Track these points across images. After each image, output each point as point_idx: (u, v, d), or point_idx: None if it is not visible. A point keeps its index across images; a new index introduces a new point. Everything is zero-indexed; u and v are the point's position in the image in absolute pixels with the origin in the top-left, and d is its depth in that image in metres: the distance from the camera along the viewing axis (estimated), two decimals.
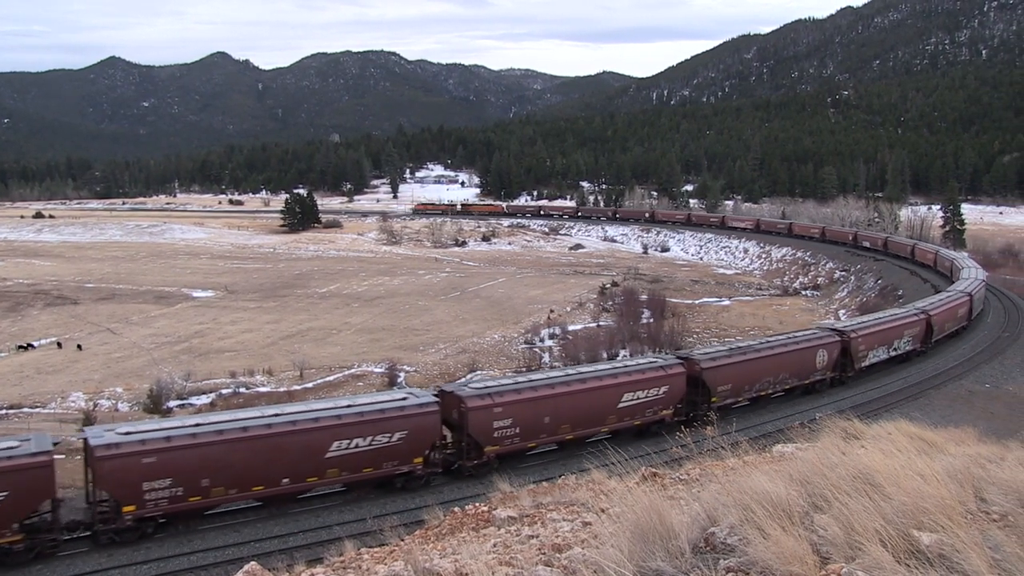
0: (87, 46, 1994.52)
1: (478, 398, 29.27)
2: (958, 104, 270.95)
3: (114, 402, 54.05)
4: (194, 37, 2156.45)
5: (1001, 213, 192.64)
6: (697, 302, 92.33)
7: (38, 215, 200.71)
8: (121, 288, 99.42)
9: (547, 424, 30.46)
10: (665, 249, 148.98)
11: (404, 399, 29.18)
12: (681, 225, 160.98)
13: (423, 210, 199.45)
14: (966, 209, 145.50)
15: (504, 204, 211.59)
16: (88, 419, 45.73)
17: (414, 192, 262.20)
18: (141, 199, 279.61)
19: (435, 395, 29.60)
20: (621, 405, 32.86)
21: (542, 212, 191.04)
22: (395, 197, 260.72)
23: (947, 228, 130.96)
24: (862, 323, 47.69)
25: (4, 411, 51.09)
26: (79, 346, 69.63)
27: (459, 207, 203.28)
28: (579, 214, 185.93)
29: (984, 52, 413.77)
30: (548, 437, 30.96)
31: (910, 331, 49.31)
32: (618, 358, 55.03)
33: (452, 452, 30.09)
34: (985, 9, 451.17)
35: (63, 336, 73.07)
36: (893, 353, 47.98)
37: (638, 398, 33.34)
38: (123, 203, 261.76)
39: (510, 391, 30.07)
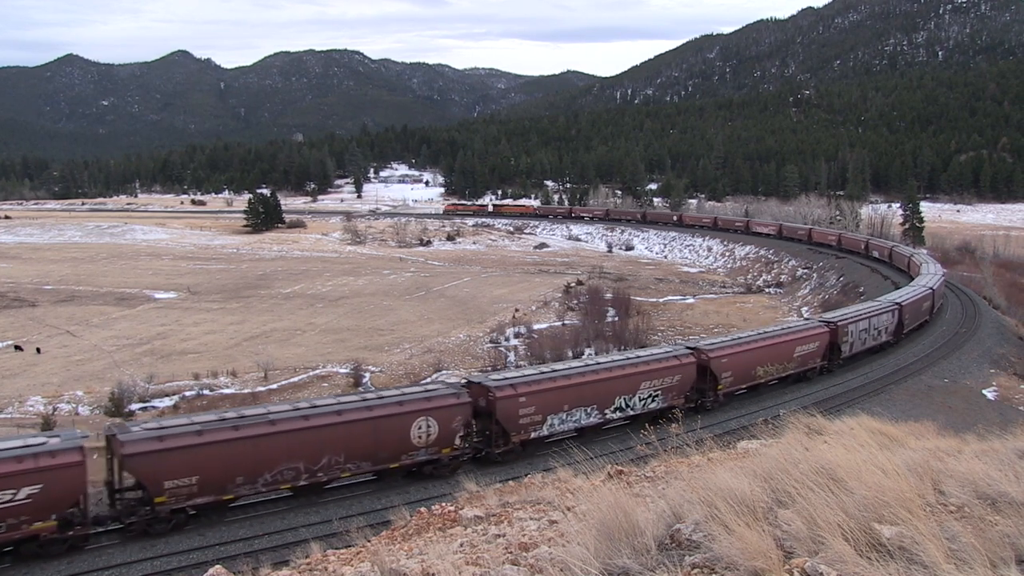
0: (41, 43, 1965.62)
1: None
2: (916, 104, 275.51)
3: (74, 406, 53.20)
4: (153, 35, 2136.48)
5: (958, 211, 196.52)
6: (662, 300, 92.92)
7: None
8: (81, 290, 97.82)
9: None
10: (629, 248, 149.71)
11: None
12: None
13: (453, 210, 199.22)
14: (925, 207, 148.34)
15: (536, 205, 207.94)
16: (47, 423, 45.00)
17: (378, 192, 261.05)
18: (101, 199, 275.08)
19: None
20: None
21: (572, 214, 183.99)
22: (359, 197, 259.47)
23: (907, 225, 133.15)
24: (542, 375, 32.51)
25: None
26: (38, 349, 68.39)
27: (491, 207, 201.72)
28: (610, 216, 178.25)
29: (940, 53, 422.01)
30: None
31: (657, 381, 35.13)
32: None
33: None
34: (941, 12, 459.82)
35: (21, 339, 71.70)
36: (617, 415, 34.12)
37: None
38: (82, 204, 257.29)
39: None
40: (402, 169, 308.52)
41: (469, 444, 30.08)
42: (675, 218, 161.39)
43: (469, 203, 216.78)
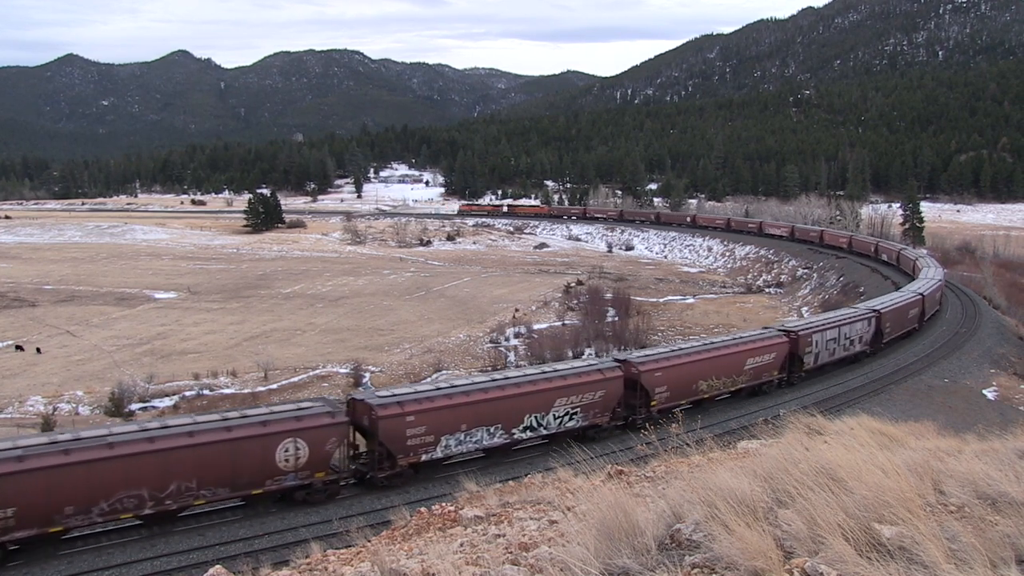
0: (41, 43, 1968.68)
1: None
2: (916, 104, 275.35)
3: (74, 406, 53.22)
4: (153, 35, 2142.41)
5: (958, 211, 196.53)
6: (662, 300, 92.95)
7: None
8: (81, 290, 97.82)
9: None
10: (629, 248, 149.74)
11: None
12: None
13: (468, 210, 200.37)
14: (925, 207, 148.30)
15: (549, 205, 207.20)
16: (47, 423, 45.00)
17: (379, 192, 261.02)
18: (101, 199, 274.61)
19: None
20: None
21: (587, 214, 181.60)
22: (359, 197, 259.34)
23: (907, 226, 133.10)
24: (436, 391, 29.69)
25: None
26: (38, 349, 68.42)
27: (505, 208, 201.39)
28: (624, 217, 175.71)
29: (940, 53, 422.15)
30: None
31: (575, 397, 32.59)
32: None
33: None
34: (941, 11, 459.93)
35: (21, 339, 71.73)
36: (528, 434, 31.72)
37: None
38: (82, 203, 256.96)
39: None
40: (402, 169, 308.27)
41: (354, 466, 28.10)
42: (689, 219, 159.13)
43: (484, 203, 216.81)
